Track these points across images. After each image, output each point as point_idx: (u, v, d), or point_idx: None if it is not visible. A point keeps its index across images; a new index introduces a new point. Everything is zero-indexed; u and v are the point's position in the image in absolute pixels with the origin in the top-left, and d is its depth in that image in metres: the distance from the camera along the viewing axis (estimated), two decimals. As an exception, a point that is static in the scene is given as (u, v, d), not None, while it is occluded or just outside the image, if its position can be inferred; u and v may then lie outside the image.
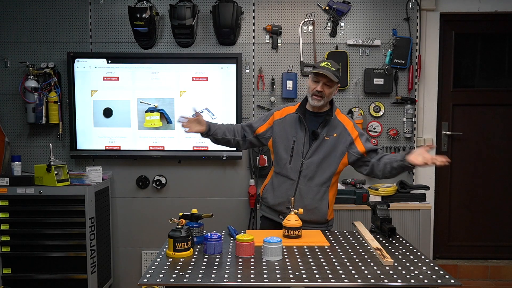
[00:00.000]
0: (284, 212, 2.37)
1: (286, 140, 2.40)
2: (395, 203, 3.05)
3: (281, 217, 2.40)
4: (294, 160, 2.37)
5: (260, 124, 2.49)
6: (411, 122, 3.42)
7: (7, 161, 3.37)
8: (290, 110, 2.46)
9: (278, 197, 2.41)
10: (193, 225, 2.07)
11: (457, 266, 3.66)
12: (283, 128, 2.42)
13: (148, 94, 3.38)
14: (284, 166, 2.39)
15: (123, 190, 3.50)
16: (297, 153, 2.37)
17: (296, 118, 2.41)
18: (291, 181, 2.38)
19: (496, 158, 3.70)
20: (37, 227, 3.11)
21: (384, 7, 3.42)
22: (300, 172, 2.36)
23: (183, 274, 1.70)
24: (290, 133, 2.40)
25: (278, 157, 2.43)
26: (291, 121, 2.42)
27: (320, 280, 1.63)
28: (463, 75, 3.74)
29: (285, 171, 2.39)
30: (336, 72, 2.31)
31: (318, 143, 2.36)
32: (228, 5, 3.24)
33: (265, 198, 2.48)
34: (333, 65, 2.32)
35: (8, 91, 3.44)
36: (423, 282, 1.62)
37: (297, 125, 2.39)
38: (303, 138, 2.37)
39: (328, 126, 2.38)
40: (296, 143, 2.37)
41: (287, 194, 2.37)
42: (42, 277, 3.13)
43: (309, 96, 2.36)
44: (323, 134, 2.37)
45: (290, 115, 2.44)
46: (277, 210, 2.43)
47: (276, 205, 2.42)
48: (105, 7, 3.43)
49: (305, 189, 2.37)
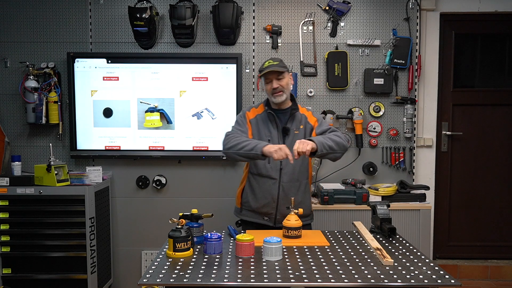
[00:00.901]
0: (269, 213, 2.38)
1: (261, 140, 2.38)
2: (395, 203, 3.05)
3: (266, 218, 2.40)
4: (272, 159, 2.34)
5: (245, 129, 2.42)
6: (411, 122, 3.42)
7: (7, 161, 3.37)
8: (257, 111, 2.48)
9: (261, 199, 2.39)
10: (193, 225, 2.08)
11: (457, 266, 3.66)
12: (257, 128, 2.44)
13: (148, 94, 3.38)
14: (263, 166, 2.39)
15: (123, 190, 3.50)
16: None
17: (266, 117, 2.42)
18: (273, 180, 2.38)
19: (496, 158, 3.70)
20: (37, 227, 3.11)
21: (384, 7, 3.42)
22: (281, 170, 2.37)
23: (183, 274, 1.70)
24: (263, 133, 2.41)
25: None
26: (262, 121, 2.44)
27: (320, 280, 1.63)
28: (463, 75, 3.74)
29: (266, 171, 2.38)
30: (280, 63, 2.37)
31: (290, 138, 2.39)
32: (228, 5, 3.24)
33: (246, 202, 2.45)
34: (275, 60, 2.39)
35: (8, 91, 3.44)
36: (423, 282, 1.62)
37: (269, 124, 2.42)
38: (277, 136, 2.39)
39: (295, 120, 2.42)
40: (271, 141, 2.37)
41: (270, 194, 2.37)
42: (42, 277, 3.13)
43: (271, 97, 2.40)
44: (293, 129, 2.40)
45: (259, 115, 2.46)
46: (262, 212, 2.41)
47: (260, 207, 2.40)
48: (105, 7, 3.43)
49: (288, 186, 2.38)
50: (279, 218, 2.38)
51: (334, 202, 3.08)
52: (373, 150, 3.47)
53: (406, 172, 3.48)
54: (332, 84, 3.40)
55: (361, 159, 3.46)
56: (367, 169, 3.44)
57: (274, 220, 2.41)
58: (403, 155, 3.45)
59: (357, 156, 3.45)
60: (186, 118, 3.39)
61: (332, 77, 3.39)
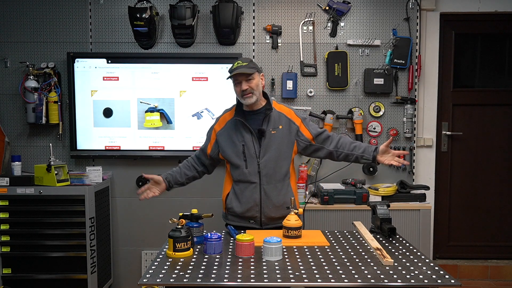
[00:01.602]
0: (254, 217, 2.37)
1: (234, 147, 2.37)
2: (395, 203, 3.05)
3: (252, 221, 2.40)
4: (249, 164, 2.34)
5: (207, 143, 2.48)
6: (411, 122, 3.42)
7: (7, 161, 3.37)
8: (228, 116, 2.45)
9: (244, 203, 2.38)
10: (193, 225, 2.07)
11: (457, 266, 3.66)
12: (228, 136, 2.40)
13: (148, 94, 3.38)
14: (242, 172, 2.36)
15: (123, 190, 3.51)
16: (250, 156, 2.34)
17: (237, 123, 2.38)
18: (253, 185, 2.36)
19: (496, 158, 3.70)
20: (37, 227, 3.11)
21: (384, 7, 3.42)
22: (259, 173, 2.35)
23: (183, 274, 1.70)
24: (236, 139, 2.37)
25: (233, 166, 2.39)
26: (233, 127, 2.39)
27: (320, 280, 1.63)
28: (463, 75, 3.74)
29: (244, 177, 2.36)
30: (249, 64, 2.32)
31: (267, 140, 2.35)
32: (228, 5, 3.24)
33: (231, 208, 2.42)
34: (244, 61, 2.33)
35: (8, 91, 3.44)
36: (423, 282, 1.62)
37: (241, 129, 2.37)
38: (251, 139, 2.35)
39: (271, 120, 2.37)
40: (246, 146, 2.35)
41: (252, 198, 2.36)
42: (42, 277, 3.13)
43: (240, 98, 2.36)
44: (269, 130, 2.36)
45: (230, 121, 2.42)
46: (247, 216, 2.40)
47: (244, 212, 2.38)
48: (105, 7, 3.43)
49: (269, 188, 2.36)
50: (264, 220, 2.39)
51: (334, 202, 3.08)
52: (373, 150, 3.46)
53: (406, 172, 3.48)
54: (332, 84, 3.40)
55: (361, 159, 3.45)
56: (367, 169, 3.44)
57: (260, 222, 2.40)
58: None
59: (357, 156, 3.44)
60: (186, 118, 3.39)
61: (332, 77, 3.39)
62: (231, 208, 2.42)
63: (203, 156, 2.51)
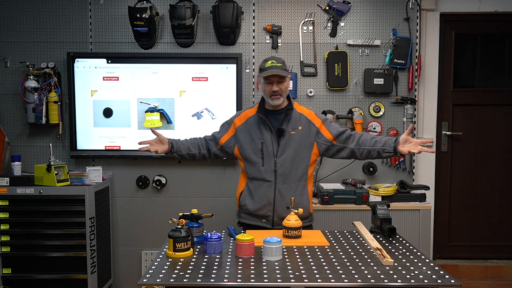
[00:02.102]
0: (267, 215, 2.37)
1: (253, 144, 2.38)
2: (395, 203, 3.05)
3: (264, 220, 2.40)
4: (266, 162, 2.35)
5: (223, 133, 2.48)
6: (411, 122, 3.42)
7: (7, 161, 3.37)
8: (250, 113, 2.45)
9: (258, 201, 2.38)
10: (193, 225, 2.07)
11: (457, 266, 3.66)
12: (248, 133, 2.41)
13: (148, 94, 3.38)
14: (257, 169, 2.37)
15: (123, 190, 3.50)
16: (268, 154, 2.35)
17: (258, 120, 2.39)
18: (268, 183, 2.36)
19: (496, 158, 3.70)
20: (37, 227, 3.11)
21: (384, 7, 3.42)
22: (275, 171, 2.35)
23: (183, 274, 1.70)
24: (256, 136, 2.38)
25: (249, 162, 2.40)
26: (254, 124, 2.40)
27: (320, 280, 1.63)
28: (463, 75, 3.74)
29: (260, 174, 2.37)
30: (283, 66, 2.32)
31: (286, 140, 2.36)
32: (228, 5, 3.24)
33: (244, 205, 2.43)
34: (278, 61, 2.32)
35: (8, 91, 3.44)
36: (423, 282, 1.62)
37: (261, 126, 2.38)
38: (270, 138, 2.36)
39: (291, 120, 2.38)
40: (264, 144, 2.36)
41: (266, 196, 2.36)
42: (42, 277, 3.13)
43: (267, 98, 2.36)
44: (289, 130, 2.37)
45: (251, 118, 2.43)
46: (259, 215, 2.40)
47: (257, 210, 2.39)
48: (105, 7, 3.43)
49: (283, 188, 2.36)
50: (277, 220, 2.38)
51: (334, 202, 3.08)
52: (373, 150, 3.46)
53: (406, 172, 3.48)
54: (332, 84, 3.40)
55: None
56: (367, 169, 3.44)
57: (272, 222, 2.40)
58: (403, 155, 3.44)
59: (357, 156, 3.45)
60: (186, 118, 3.39)
61: (332, 77, 3.39)
62: (244, 205, 2.43)
63: (212, 143, 2.49)
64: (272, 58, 2.35)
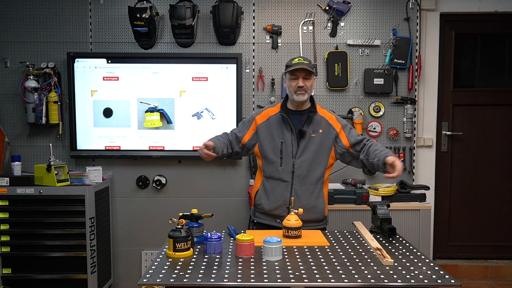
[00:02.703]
0: (282, 216, 2.36)
1: (273, 142, 2.37)
2: (395, 203, 3.05)
3: (278, 221, 2.39)
4: (285, 162, 2.35)
5: (244, 132, 2.44)
6: (411, 122, 3.42)
7: (7, 161, 3.37)
8: (272, 111, 2.44)
9: (273, 201, 2.38)
10: (193, 225, 2.07)
11: (457, 266, 3.66)
12: (269, 131, 2.39)
13: (148, 94, 3.38)
14: (275, 169, 2.37)
15: (123, 190, 3.51)
16: (287, 154, 2.35)
17: (280, 119, 2.38)
18: (285, 183, 2.36)
19: (496, 158, 3.70)
20: (37, 227, 3.11)
21: (384, 7, 3.42)
22: (292, 172, 2.35)
23: (183, 274, 1.70)
24: (276, 135, 2.37)
25: (267, 161, 2.39)
26: (275, 123, 2.39)
27: (320, 280, 1.63)
28: (463, 75, 3.74)
29: (278, 174, 2.36)
30: (310, 64, 2.32)
31: (306, 141, 2.35)
32: (228, 5, 3.24)
33: (259, 204, 2.43)
34: (305, 59, 2.33)
35: (8, 91, 3.44)
36: (423, 282, 1.62)
37: (282, 126, 2.37)
38: (290, 138, 2.35)
39: (312, 123, 2.37)
40: (284, 144, 2.35)
41: (282, 196, 2.35)
42: (42, 277, 3.13)
43: (292, 94, 2.34)
44: (309, 132, 2.36)
45: (273, 116, 2.41)
46: (274, 214, 2.39)
47: (272, 209, 2.38)
48: (105, 7, 3.43)
49: (300, 189, 2.36)
50: None
51: (334, 202, 3.08)
52: (373, 150, 3.46)
53: (406, 172, 3.48)
54: (332, 84, 3.40)
55: (361, 159, 3.45)
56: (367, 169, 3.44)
57: None
58: (403, 155, 3.45)
59: (357, 156, 3.45)
60: (186, 118, 3.39)
61: (332, 77, 3.39)
62: (259, 204, 2.43)
63: (234, 142, 2.45)
64: (299, 56, 2.35)
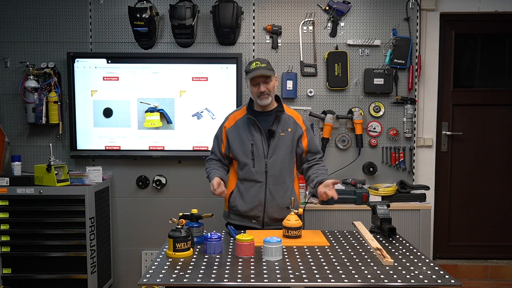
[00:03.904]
0: (257, 216, 2.38)
1: (243, 145, 2.39)
2: (395, 203, 3.05)
3: (254, 221, 2.41)
4: (257, 163, 2.37)
5: (220, 144, 2.49)
6: (411, 122, 3.42)
7: (7, 161, 3.37)
8: (238, 115, 2.47)
9: (248, 202, 2.39)
10: (193, 225, 2.08)
11: (457, 266, 3.66)
12: (238, 134, 2.42)
13: (148, 94, 3.38)
14: (248, 170, 2.39)
15: (123, 190, 3.50)
16: (258, 155, 2.37)
17: (248, 121, 2.40)
18: (259, 184, 2.38)
19: (496, 158, 3.70)
20: (37, 227, 3.11)
21: (384, 7, 3.42)
22: (266, 172, 2.37)
23: (183, 274, 1.70)
24: (246, 137, 2.39)
25: (240, 164, 2.42)
26: (243, 125, 2.41)
27: (320, 280, 1.63)
28: (463, 75, 3.74)
29: (251, 175, 2.39)
30: (268, 66, 2.34)
31: (276, 141, 2.38)
32: (228, 5, 3.24)
33: (234, 206, 2.44)
34: (262, 61, 2.34)
35: (8, 91, 3.44)
36: (423, 282, 1.62)
37: (251, 128, 2.39)
38: (260, 139, 2.38)
39: (281, 122, 2.40)
40: (255, 145, 2.37)
41: (257, 197, 2.38)
42: (42, 277, 3.13)
43: (256, 99, 2.37)
44: (279, 131, 2.39)
45: (240, 120, 2.44)
46: (250, 215, 2.41)
47: (248, 211, 2.40)
48: (105, 7, 3.43)
49: (274, 189, 2.38)
50: (267, 221, 2.40)
51: (334, 202, 3.08)
52: (373, 150, 3.47)
53: (406, 172, 3.48)
54: (332, 84, 3.40)
55: (361, 159, 3.46)
56: (367, 169, 3.44)
57: (262, 222, 2.42)
58: (403, 155, 3.45)
59: (357, 156, 3.45)
60: (186, 118, 3.39)
61: (332, 77, 3.39)
62: (234, 206, 2.44)
63: (221, 158, 2.51)
64: (256, 60, 2.37)
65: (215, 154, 2.54)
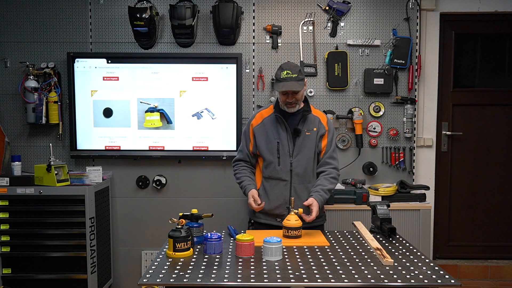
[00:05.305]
0: (282, 215, 2.37)
1: (269, 143, 2.40)
2: (395, 203, 3.05)
3: (279, 220, 2.40)
4: (282, 161, 2.37)
5: (248, 142, 2.49)
6: (411, 122, 3.42)
7: (7, 161, 3.37)
8: (265, 113, 2.47)
9: (274, 201, 2.39)
10: (193, 225, 2.08)
11: (457, 266, 3.66)
12: (264, 132, 2.42)
13: (148, 94, 3.38)
14: (274, 169, 2.39)
15: (123, 190, 3.50)
16: (284, 154, 2.38)
17: (275, 120, 2.41)
18: (284, 182, 2.38)
19: (496, 158, 3.70)
20: (37, 227, 3.11)
21: (384, 7, 3.42)
22: (291, 171, 2.38)
23: (183, 274, 1.70)
24: (272, 136, 2.40)
25: (266, 162, 2.42)
26: (270, 124, 2.42)
27: (320, 280, 1.63)
28: (463, 75, 3.74)
29: (276, 174, 2.39)
30: (299, 75, 2.29)
31: (301, 140, 2.39)
32: (228, 5, 3.24)
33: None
34: (294, 71, 2.28)
35: (8, 91, 3.44)
36: (423, 282, 1.63)
37: (278, 126, 2.40)
38: (286, 138, 2.39)
39: (307, 122, 2.41)
40: (281, 144, 2.38)
41: (282, 196, 2.38)
42: (42, 277, 3.13)
43: (284, 107, 2.38)
44: (304, 130, 2.39)
45: (267, 118, 2.44)
46: (275, 214, 2.41)
47: (273, 209, 2.40)
48: (105, 7, 3.43)
49: (299, 187, 2.38)
50: None
51: (334, 202, 3.08)
52: (373, 150, 3.47)
53: (406, 172, 3.48)
54: (332, 84, 3.40)
55: (361, 159, 3.46)
56: (367, 169, 3.44)
57: None
58: (403, 155, 3.45)
59: (357, 156, 3.45)
60: (186, 118, 3.39)
61: (332, 77, 3.39)
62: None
63: (250, 158, 2.49)
64: (287, 68, 2.30)
65: (242, 152, 2.52)
